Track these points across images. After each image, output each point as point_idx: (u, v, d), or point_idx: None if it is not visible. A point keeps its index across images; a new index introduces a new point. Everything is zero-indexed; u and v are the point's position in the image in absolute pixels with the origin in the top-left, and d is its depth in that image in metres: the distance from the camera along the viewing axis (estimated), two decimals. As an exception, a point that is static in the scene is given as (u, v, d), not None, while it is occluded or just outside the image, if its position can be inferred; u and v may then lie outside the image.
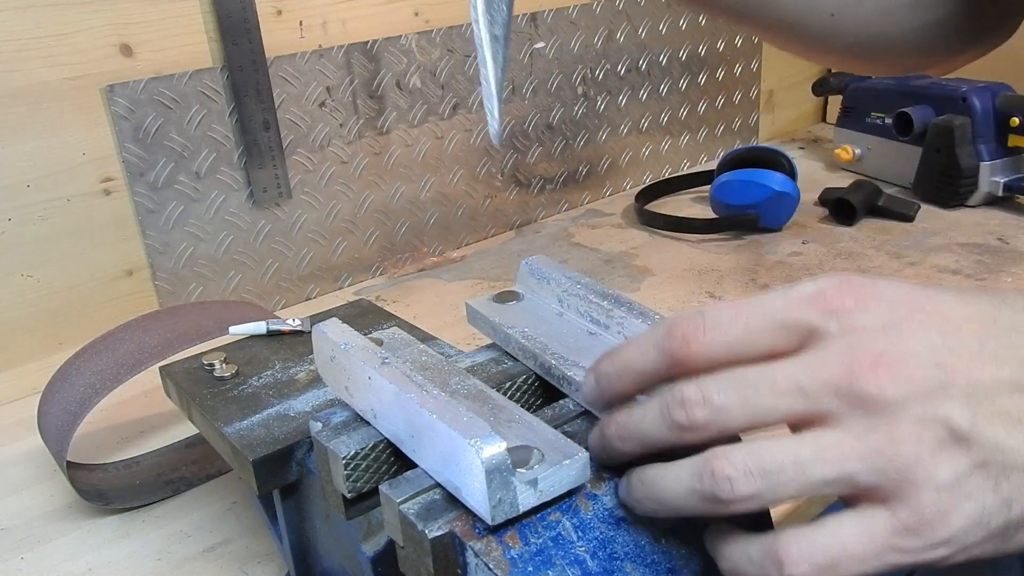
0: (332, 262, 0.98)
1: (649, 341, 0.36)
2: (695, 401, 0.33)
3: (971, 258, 0.93)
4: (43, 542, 0.60)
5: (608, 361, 0.37)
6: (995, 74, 1.09)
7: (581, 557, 0.34)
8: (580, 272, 0.49)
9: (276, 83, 0.88)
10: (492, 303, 0.51)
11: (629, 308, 0.45)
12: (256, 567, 0.56)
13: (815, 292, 0.34)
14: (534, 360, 0.45)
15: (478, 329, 0.51)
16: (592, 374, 0.38)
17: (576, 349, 0.45)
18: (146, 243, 0.84)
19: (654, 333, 0.36)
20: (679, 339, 0.34)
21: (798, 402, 0.32)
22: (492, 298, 0.51)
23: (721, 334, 0.34)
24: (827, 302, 0.33)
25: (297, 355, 0.58)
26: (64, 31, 0.76)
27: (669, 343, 0.35)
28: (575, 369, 0.42)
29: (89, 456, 0.69)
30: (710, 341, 0.34)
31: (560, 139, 1.14)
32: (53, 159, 0.78)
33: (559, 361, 0.44)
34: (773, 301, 0.34)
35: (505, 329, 0.48)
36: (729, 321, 0.34)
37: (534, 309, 0.50)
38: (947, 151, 1.05)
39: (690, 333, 0.34)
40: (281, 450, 0.47)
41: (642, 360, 0.36)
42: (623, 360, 0.37)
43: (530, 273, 0.51)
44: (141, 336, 0.62)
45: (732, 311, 0.34)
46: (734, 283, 0.91)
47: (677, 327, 0.35)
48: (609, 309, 0.45)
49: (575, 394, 0.42)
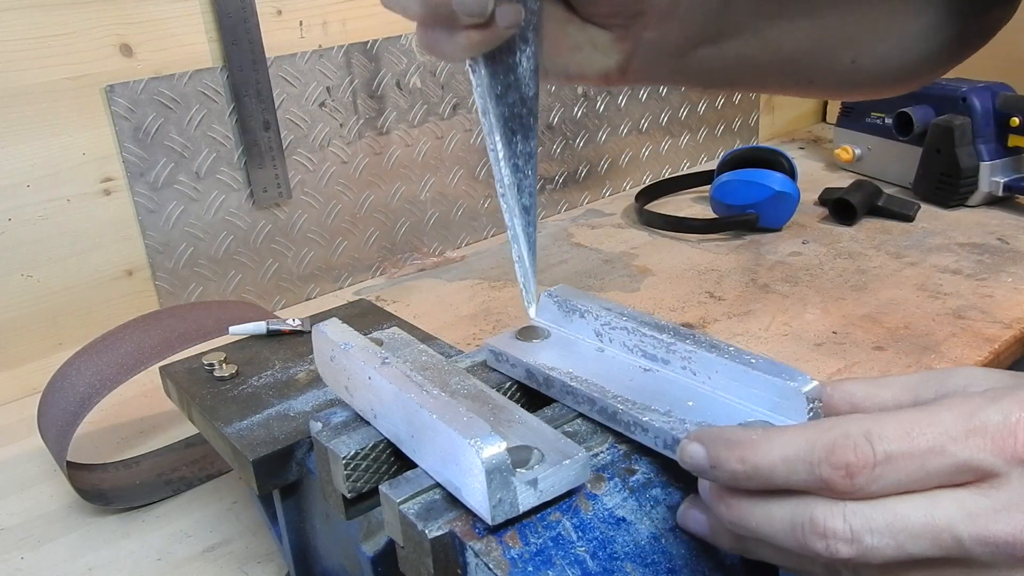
0: (332, 262, 0.98)
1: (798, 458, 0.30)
2: (841, 536, 0.30)
3: (971, 258, 0.93)
4: (43, 542, 0.60)
5: (737, 458, 0.32)
6: (995, 74, 1.09)
7: (581, 557, 0.34)
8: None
9: (276, 83, 0.88)
10: (516, 341, 0.46)
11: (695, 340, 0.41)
12: (256, 567, 0.56)
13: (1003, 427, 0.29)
14: (590, 405, 0.41)
15: (504, 372, 0.46)
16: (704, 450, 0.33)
17: (636, 389, 0.40)
18: (146, 243, 0.84)
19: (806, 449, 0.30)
20: (842, 471, 0.29)
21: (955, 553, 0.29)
22: (515, 335, 0.47)
23: (892, 472, 0.29)
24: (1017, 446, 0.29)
25: (297, 355, 0.58)
26: (64, 31, 0.76)
27: (828, 473, 0.30)
28: (649, 413, 0.38)
29: (89, 456, 0.69)
30: (877, 478, 0.29)
31: (560, 139, 1.14)
32: (53, 159, 0.78)
33: (627, 406, 0.39)
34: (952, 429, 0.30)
35: (546, 372, 0.43)
36: (904, 458, 0.29)
37: (567, 345, 0.45)
38: (947, 151, 1.05)
39: (856, 465, 0.29)
40: (281, 450, 0.47)
41: (784, 474, 0.31)
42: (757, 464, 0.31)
43: (556, 305, 0.47)
44: (141, 336, 0.62)
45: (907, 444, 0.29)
46: (734, 283, 0.91)
47: (840, 454, 0.30)
48: (670, 343, 0.41)
49: (651, 440, 0.38)
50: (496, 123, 0.43)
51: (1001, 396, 0.30)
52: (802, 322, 0.82)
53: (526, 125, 0.43)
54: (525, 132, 0.44)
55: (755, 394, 0.38)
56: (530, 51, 0.42)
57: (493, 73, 0.42)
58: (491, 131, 0.43)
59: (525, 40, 0.41)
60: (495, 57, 0.42)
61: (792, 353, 0.76)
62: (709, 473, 0.33)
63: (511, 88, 0.42)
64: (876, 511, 0.30)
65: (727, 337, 0.80)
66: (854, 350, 0.76)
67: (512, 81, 0.42)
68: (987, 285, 0.86)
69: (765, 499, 0.32)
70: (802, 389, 0.36)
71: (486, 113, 0.43)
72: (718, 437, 0.33)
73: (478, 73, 0.42)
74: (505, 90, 0.42)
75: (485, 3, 0.38)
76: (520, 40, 0.41)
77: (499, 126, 0.43)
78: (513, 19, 0.39)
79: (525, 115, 0.43)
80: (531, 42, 0.42)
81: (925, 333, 0.78)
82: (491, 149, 0.44)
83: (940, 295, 0.85)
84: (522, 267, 0.45)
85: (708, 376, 0.40)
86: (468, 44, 0.40)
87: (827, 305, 0.85)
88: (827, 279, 0.91)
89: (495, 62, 0.42)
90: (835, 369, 0.73)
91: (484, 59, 0.42)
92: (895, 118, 1.12)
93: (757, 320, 0.83)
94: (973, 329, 0.78)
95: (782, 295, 0.88)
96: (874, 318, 0.81)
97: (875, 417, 0.30)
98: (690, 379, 0.41)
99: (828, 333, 0.79)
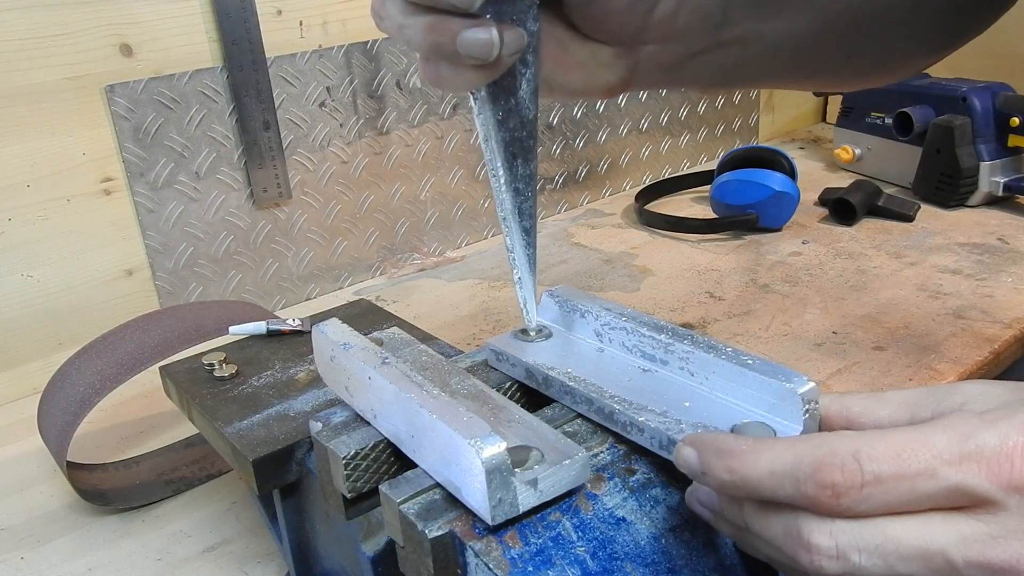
0: (332, 262, 0.98)
1: (785, 473, 0.30)
2: (826, 552, 0.29)
3: (971, 258, 0.93)
4: (43, 542, 0.60)
5: (725, 468, 0.31)
6: (995, 74, 1.10)
7: (581, 557, 0.34)
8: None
9: (276, 83, 0.88)
10: (516, 340, 0.46)
11: (693, 341, 0.41)
12: (256, 567, 0.56)
13: (999, 452, 0.28)
14: (588, 405, 0.41)
15: (505, 371, 0.46)
16: (696, 456, 0.33)
17: (634, 389, 0.40)
18: (146, 243, 0.84)
19: (793, 464, 0.30)
20: (828, 490, 0.29)
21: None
22: (515, 335, 0.47)
23: (881, 493, 0.29)
24: (1013, 473, 0.28)
25: (297, 355, 0.58)
26: (64, 31, 0.76)
27: (814, 491, 0.29)
28: (645, 414, 0.38)
29: (89, 456, 0.69)
30: (865, 499, 0.29)
31: (560, 139, 1.14)
32: (53, 159, 0.78)
33: (623, 406, 0.39)
34: (946, 452, 0.29)
35: (545, 371, 0.43)
36: (893, 479, 0.29)
37: (568, 345, 0.46)
38: (947, 151, 1.05)
39: (843, 485, 0.29)
40: (281, 450, 0.47)
41: (771, 488, 0.30)
42: (745, 475, 0.31)
43: (557, 305, 0.47)
44: (141, 336, 0.62)
45: (897, 466, 0.29)
46: (734, 283, 0.91)
47: (827, 473, 0.29)
48: (668, 343, 0.41)
49: (647, 440, 0.38)
50: (498, 149, 0.42)
51: (999, 419, 0.29)
52: (802, 322, 0.82)
53: (527, 148, 0.43)
54: (526, 155, 0.43)
55: (752, 395, 0.38)
56: (530, 73, 0.41)
57: (495, 99, 0.41)
58: (493, 157, 0.42)
59: (525, 63, 0.41)
60: (496, 83, 0.41)
61: (792, 353, 0.76)
62: (701, 479, 0.33)
63: (512, 112, 0.42)
64: (865, 530, 0.29)
65: (727, 337, 0.80)
66: (854, 350, 0.76)
67: (513, 105, 0.42)
68: (987, 285, 0.86)
69: (759, 517, 0.32)
70: (798, 390, 0.36)
71: (488, 140, 0.42)
72: (710, 444, 0.33)
73: (480, 101, 0.41)
74: (506, 115, 0.42)
75: (491, 48, 0.37)
76: (520, 63, 0.41)
77: (501, 151, 0.42)
78: (516, 47, 0.39)
79: (526, 138, 0.42)
80: (531, 64, 0.41)
81: (925, 333, 0.78)
82: (492, 175, 0.43)
83: (940, 295, 0.85)
84: (523, 289, 0.45)
85: (706, 377, 0.40)
86: (473, 78, 0.39)
87: (827, 305, 0.85)
88: (827, 279, 0.91)
89: (497, 88, 0.41)
90: (835, 369, 0.73)
91: (486, 87, 0.41)
92: (895, 118, 1.12)
93: (757, 320, 0.83)
94: (973, 329, 0.78)
95: (782, 295, 0.88)
96: (874, 318, 0.81)
97: (867, 436, 0.30)
98: (688, 380, 0.41)
99: (828, 333, 0.79)
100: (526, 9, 0.39)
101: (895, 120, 1.12)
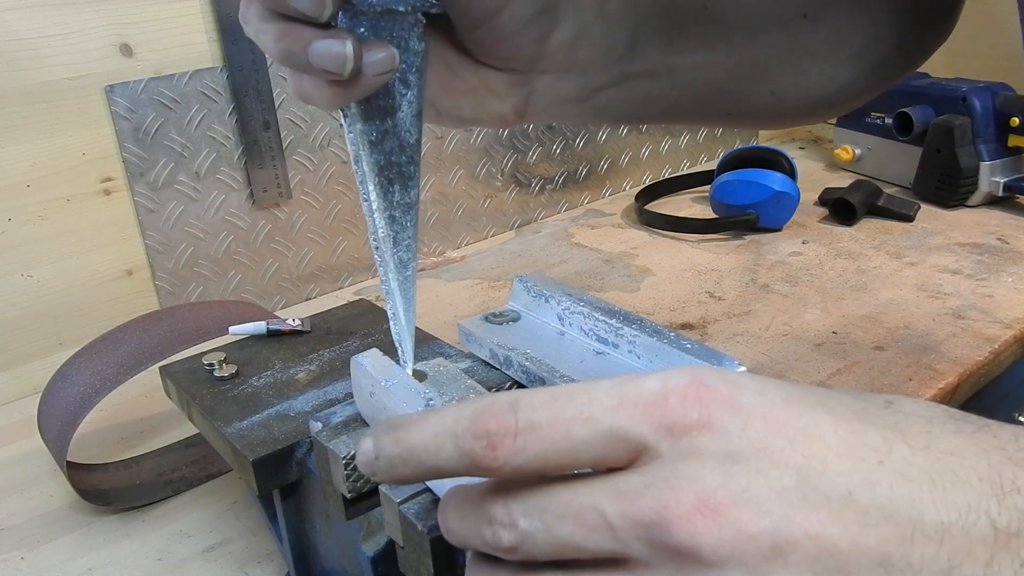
0: (332, 262, 0.98)
1: (446, 431, 0.27)
2: (501, 522, 0.27)
3: (971, 258, 0.93)
4: (43, 542, 0.60)
5: (392, 440, 0.28)
6: (995, 74, 1.10)
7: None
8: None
9: (276, 83, 0.88)
10: (486, 323, 0.49)
11: (640, 325, 0.43)
12: (256, 567, 0.56)
13: (657, 394, 0.27)
14: (541, 385, 0.43)
15: (474, 351, 0.49)
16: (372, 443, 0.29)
17: (584, 371, 0.43)
18: (146, 243, 0.84)
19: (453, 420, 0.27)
20: (483, 440, 0.27)
21: (606, 541, 0.26)
22: (485, 317, 0.50)
23: (535, 441, 0.26)
24: (666, 412, 0.26)
25: (297, 355, 0.58)
26: (64, 31, 0.76)
27: (471, 444, 0.27)
28: None
29: (89, 456, 0.69)
30: (520, 449, 0.26)
31: (560, 139, 1.14)
32: (53, 159, 0.78)
33: None
34: (606, 399, 0.27)
35: (505, 351, 0.46)
36: (548, 425, 0.26)
37: (532, 328, 0.48)
38: (947, 151, 1.05)
39: (497, 433, 0.26)
40: (281, 450, 0.47)
41: (434, 451, 0.28)
42: (410, 445, 0.28)
43: (525, 290, 0.50)
44: (141, 336, 0.62)
45: (552, 410, 0.27)
46: (734, 283, 0.91)
47: (482, 421, 0.27)
48: (618, 327, 0.43)
49: None
50: (370, 172, 0.39)
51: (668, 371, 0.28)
52: (802, 322, 0.82)
53: (405, 174, 0.40)
54: (404, 181, 0.40)
55: None
56: (411, 95, 0.39)
57: (367, 118, 0.39)
58: (364, 180, 0.39)
59: (407, 84, 0.38)
60: (370, 102, 0.38)
61: (792, 353, 0.76)
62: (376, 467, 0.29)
63: (388, 135, 0.39)
64: (529, 490, 0.27)
65: (727, 337, 0.80)
66: (854, 350, 0.76)
67: (390, 127, 0.39)
68: (987, 285, 0.86)
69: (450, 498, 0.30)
70: None
71: (358, 161, 0.39)
72: (383, 424, 0.30)
73: (349, 118, 0.39)
74: (381, 136, 0.39)
75: (343, 62, 0.34)
76: (400, 84, 0.38)
77: (373, 175, 0.39)
78: (383, 67, 0.36)
79: (405, 163, 0.40)
80: (413, 85, 0.39)
81: (925, 333, 0.78)
82: (364, 199, 0.40)
83: (940, 295, 0.85)
84: (397, 325, 0.42)
85: (650, 360, 0.42)
86: (334, 95, 0.36)
87: (827, 305, 0.85)
88: (827, 279, 0.91)
89: (370, 106, 0.38)
90: (835, 369, 0.73)
91: (357, 104, 0.38)
92: (895, 118, 1.12)
93: (757, 320, 0.83)
94: (973, 329, 0.78)
95: (782, 295, 0.88)
96: (874, 318, 0.82)
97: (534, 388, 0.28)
98: (635, 362, 0.43)
99: (828, 333, 0.79)
100: (409, 28, 0.37)
101: (895, 120, 1.12)
